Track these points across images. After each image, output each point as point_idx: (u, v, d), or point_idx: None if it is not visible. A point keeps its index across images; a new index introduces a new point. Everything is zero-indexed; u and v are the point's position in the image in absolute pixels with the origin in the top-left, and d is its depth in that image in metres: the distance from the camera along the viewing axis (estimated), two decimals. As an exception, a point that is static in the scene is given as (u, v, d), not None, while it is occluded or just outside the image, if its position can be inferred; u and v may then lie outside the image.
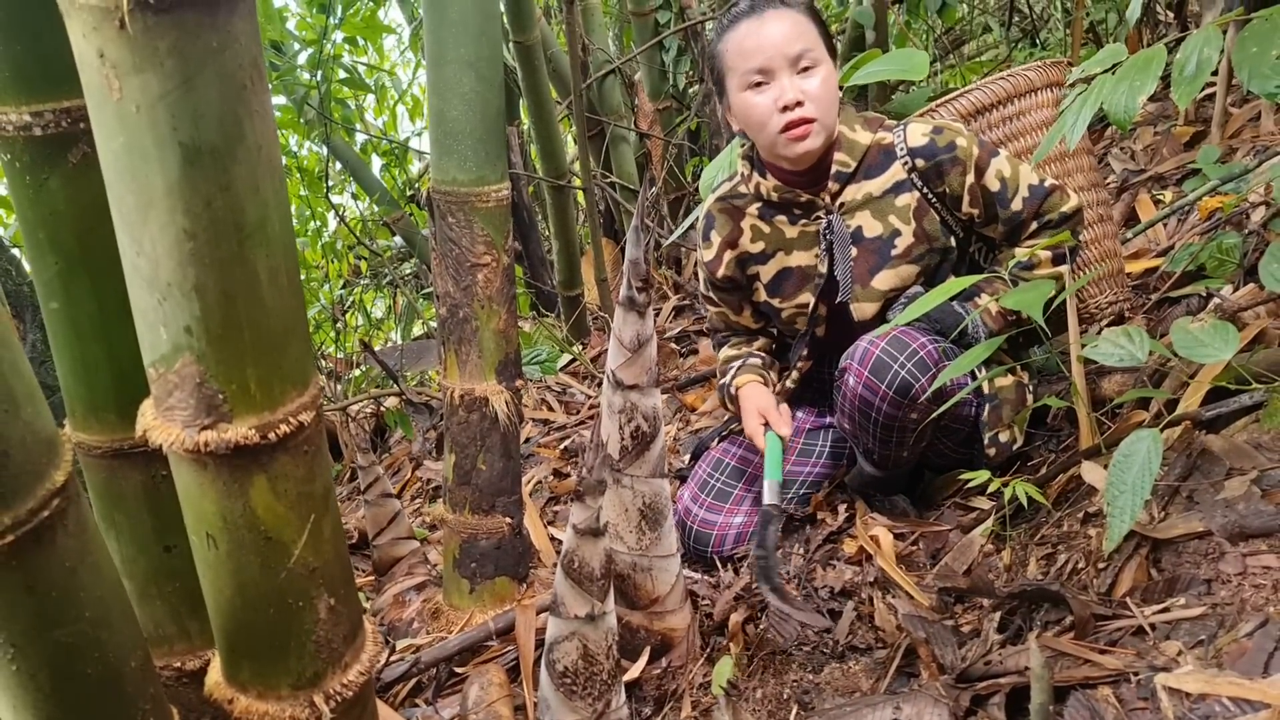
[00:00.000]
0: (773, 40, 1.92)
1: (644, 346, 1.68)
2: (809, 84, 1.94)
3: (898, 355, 1.87)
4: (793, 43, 1.92)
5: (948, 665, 1.57)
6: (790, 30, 1.93)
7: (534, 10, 4.10)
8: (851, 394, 1.93)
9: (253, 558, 1.09)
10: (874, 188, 2.03)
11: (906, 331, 1.89)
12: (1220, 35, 1.34)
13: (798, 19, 1.94)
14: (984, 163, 1.99)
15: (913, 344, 1.88)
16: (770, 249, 2.15)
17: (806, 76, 1.94)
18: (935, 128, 2.01)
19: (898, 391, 1.86)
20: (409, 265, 5.82)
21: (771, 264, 2.16)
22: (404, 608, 2.31)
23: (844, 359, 1.96)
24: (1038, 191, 1.99)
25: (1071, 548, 1.73)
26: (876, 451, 2.00)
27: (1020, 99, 2.20)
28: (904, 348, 1.87)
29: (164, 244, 0.93)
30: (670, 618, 1.84)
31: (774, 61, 1.93)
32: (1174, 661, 1.34)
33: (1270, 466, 1.57)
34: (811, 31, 1.95)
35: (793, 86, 1.93)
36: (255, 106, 0.94)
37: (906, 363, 1.86)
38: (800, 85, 1.94)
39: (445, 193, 1.93)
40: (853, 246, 2.05)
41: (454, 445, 2.08)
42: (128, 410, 1.10)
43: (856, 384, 1.91)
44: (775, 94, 1.94)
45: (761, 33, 1.93)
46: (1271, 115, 2.93)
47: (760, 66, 1.94)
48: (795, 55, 1.93)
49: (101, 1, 0.84)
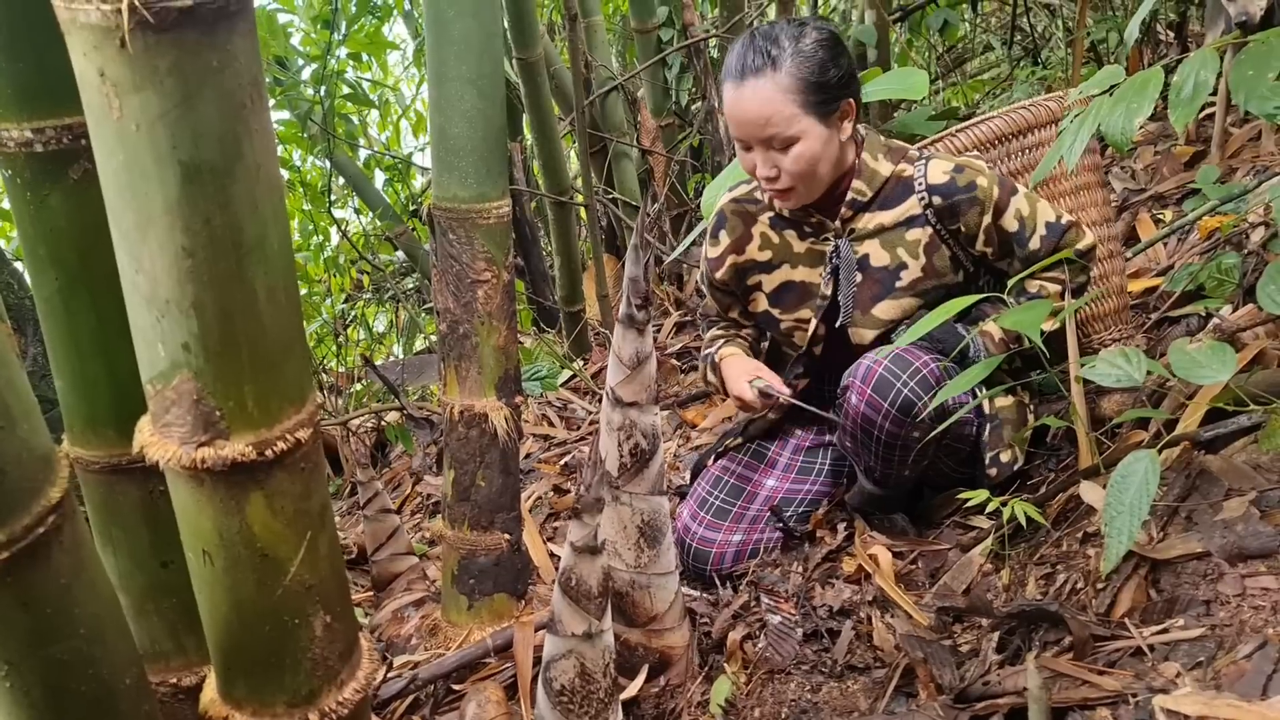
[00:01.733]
0: (747, 117, 1.91)
1: (643, 364, 1.68)
2: (784, 160, 1.92)
3: (900, 374, 1.88)
4: (763, 125, 1.90)
5: (946, 685, 1.57)
6: (763, 109, 1.88)
7: (537, 27, 4.12)
8: (854, 412, 1.93)
9: (249, 575, 1.09)
10: (887, 219, 2.02)
11: (909, 350, 1.89)
12: (1217, 58, 1.35)
13: (773, 95, 1.88)
14: (1004, 203, 1.98)
15: (915, 362, 1.89)
16: (777, 260, 2.15)
17: (782, 153, 1.92)
18: (957, 166, 1.98)
19: (900, 410, 1.87)
20: (411, 280, 5.83)
21: (776, 274, 2.16)
22: (402, 624, 2.31)
23: (846, 376, 1.96)
24: (1055, 229, 1.98)
25: (1070, 567, 1.73)
26: (878, 470, 2.00)
27: (1041, 129, 2.19)
28: (906, 366, 1.88)
29: (163, 261, 0.93)
30: (668, 635, 1.84)
31: (749, 136, 1.93)
32: (1172, 683, 1.34)
33: (1269, 488, 1.57)
34: (789, 104, 1.88)
35: (766, 162, 1.94)
36: (254, 125, 0.94)
37: (909, 381, 1.87)
38: (775, 160, 1.93)
39: (446, 209, 1.94)
40: (858, 273, 2.05)
41: (453, 461, 2.08)
42: (126, 426, 1.11)
43: (859, 402, 1.91)
44: (755, 161, 1.95)
45: (739, 106, 1.91)
46: (1272, 135, 2.94)
47: (739, 136, 1.95)
48: (767, 136, 1.91)
49: (102, 20, 0.84)
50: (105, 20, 0.84)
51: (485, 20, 1.90)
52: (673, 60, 4.54)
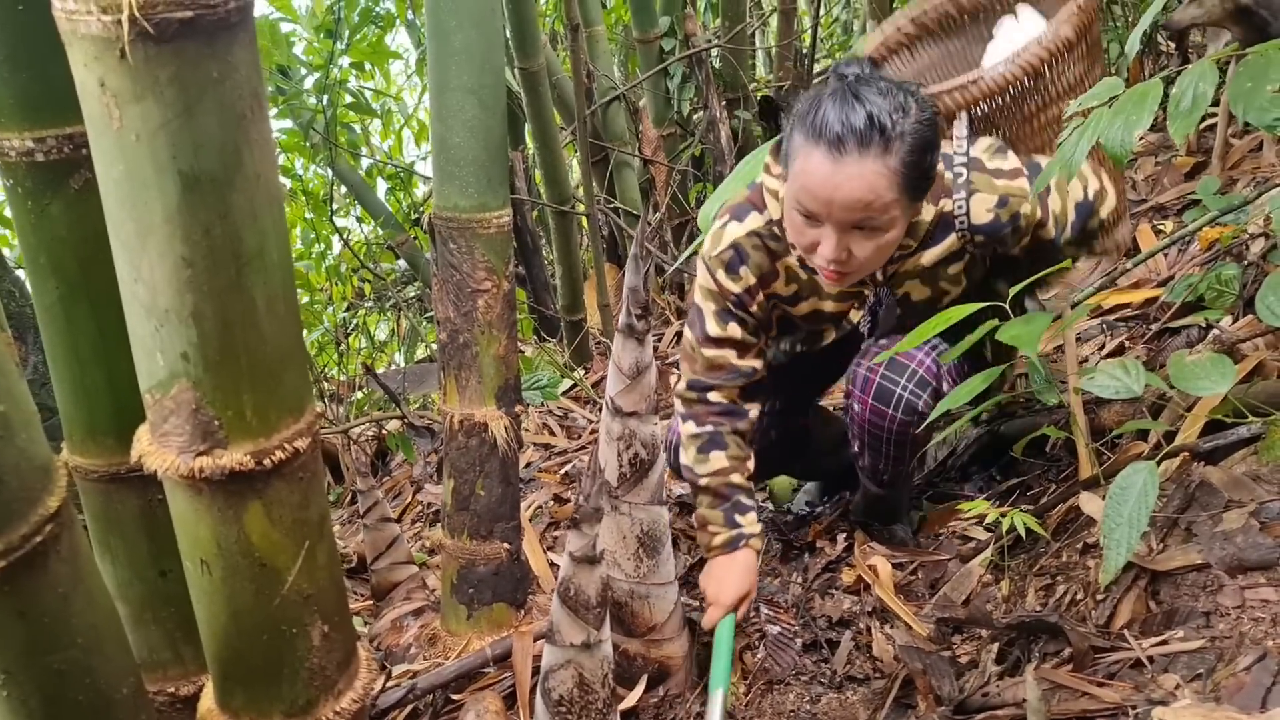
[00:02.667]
0: (840, 197, 1.63)
1: (643, 373, 1.69)
2: (863, 247, 1.70)
3: (898, 378, 1.88)
4: (857, 210, 1.65)
5: (945, 696, 1.56)
6: (864, 195, 1.63)
7: (539, 37, 4.13)
8: (860, 419, 1.93)
9: (247, 584, 1.09)
10: (928, 259, 1.86)
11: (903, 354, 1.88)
12: (1216, 70, 1.35)
13: (879, 180, 1.62)
14: (1044, 219, 1.84)
15: (910, 364, 1.88)
16: (804, 293, 1.95)
17: (862, 238, 1.69)
18: (1001, 199, 1.79)
19: (904, 411, 1.87)
20: (413, 288, 5.83)
21: (803, 306, 1.97)
22: (401, 633, 2.31)
23: (847, 384, 1.96)
24: (1084, 209, 1.86)
25: (1070, 579, 1.73)
26: (888, 471, 1.99)
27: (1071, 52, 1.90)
28: (902, 369, 1.88)
29: (162, 271, 0.94)
30: (668, 646, 1.83)
31: (831, 215, 1.66)
32: (1172, 695, 1.33)
33: (1269, 499, 1.57)
34: (891, 190, 1.64)
35: (839, 245, 1.69)
36: (254, 136, 0.94)
37: (908, 384, 1.87)
38: (850, 243, 1.69)
39: (447, 219, 1.94)
40: (899, 308, 1.93)
41: (453, 470, 2.08)
42: (126, 435, 1.11)
43: (864, 411, 1.91)
44: (820, 236, 1.70)
45: (833, 182, 1.63)
46: (1273, 147, 2.93)
47: (813, 211, 1.68)
48: (854, 221, 1.67)
49: (103, 31, 0.85)
50: (106, 31, 0.85)
51: (486, 30, 1.90)
52: (675, 70, 4.55)
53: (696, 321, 1.97)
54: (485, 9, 1.90)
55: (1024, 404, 2.36)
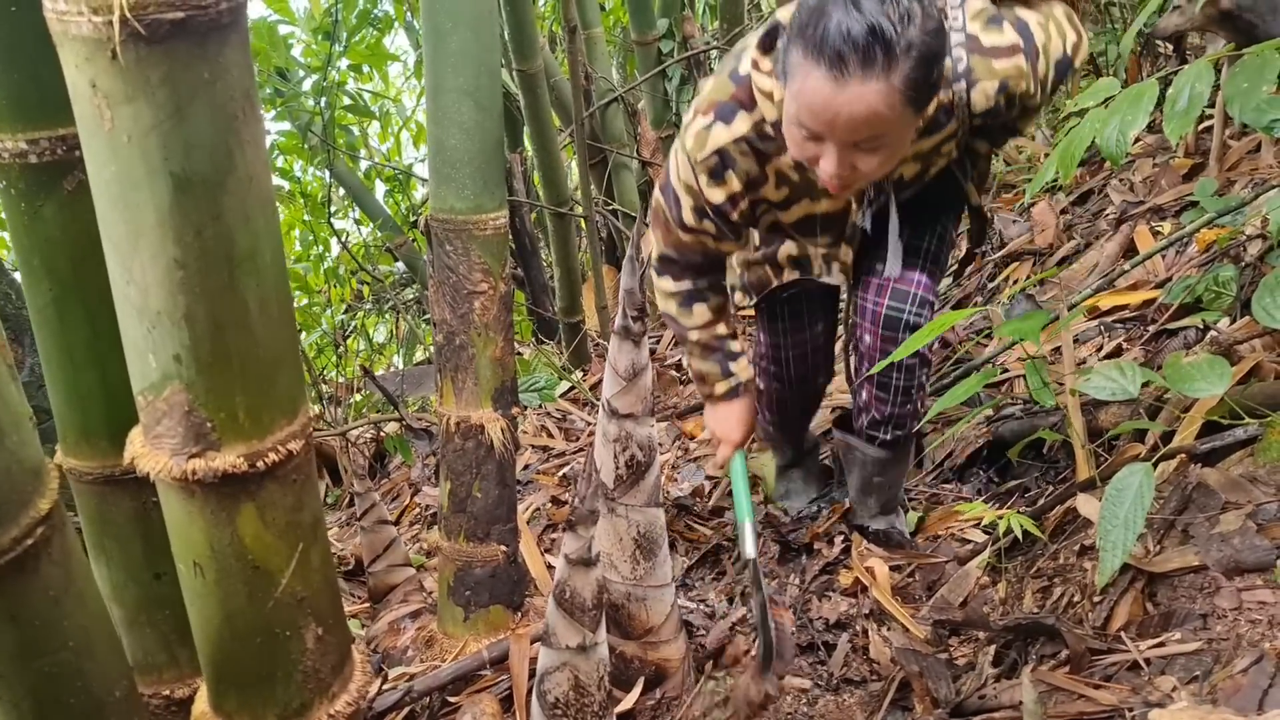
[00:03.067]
0: (843, 119, 1.56)
1: (639, 375, 1.68)
2: (867, 161, 1.63)
3: (902, 305, 1.96)
4: (863, 130, 1.58)
5: (942, 699, 1.56)
6: (866, 117, 1.56)
7: (537, 39, 4.13)
8: (870, 350, 1.99)
9: (240, 587, 1.08)
10: (926, 145, 1.82)
11: (900, 279, 1.96)
12: (1213, 70, 1.35)
13: (884, 100, 1.53)
14: (1035, 89, 1.77)
15: (910, 288, 1.96)
16: (795, 196, 1.91)
17: (866, 152, 1.63)
18: (1000, 85, 1.73)
19: (912, 331, 1.94)
20: (411, 291, 5.83)
21: (795, 210, 1.94)
22: (398, 635, 2.30)
23: (854, 320, 2.05)
24: (1063, 66, 1.80)
25: (1067, 580, 1.72)
26: (895, 414, 2.02)
27: None
28: (904, 296, 1.96)
29: (154, 273, 0.93)
30: (664, 648, 1.83)
31: (833, 134, 1.60)
32: (1169, 697, 1.33)
33: (1266, 500, 1.56)
34: (897, 108, 1.56)
35: (843, 160, 1.63)
36: (247, 137, 0.94)
37: (911, 307, 1.96)
38: (854, 159, 1.63)
39: (443, 220, 1.94)
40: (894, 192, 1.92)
41: (449, 472, 2.08)
42: (120, 437, 1.11)
43: (873, 340, 1.98)
44: (822, 152, 1.64)
45: (834, 101, 1.55)
46: (1271, 148, 2.93)
47: (815, 131, 1.61)
48: (858, 140, 1.61)
49: (94, 33, 0.85)
50: (97, 32, 0.85)
51: (482, 32, 1.90)
52: (673, 72, 4.55)
53: (673, 204, 1.95)
54: (481, 11, 1.89)
55: (1022, 406, 2.36)
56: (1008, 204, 3.75)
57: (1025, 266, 3.32)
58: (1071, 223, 3.40)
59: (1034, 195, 2.01)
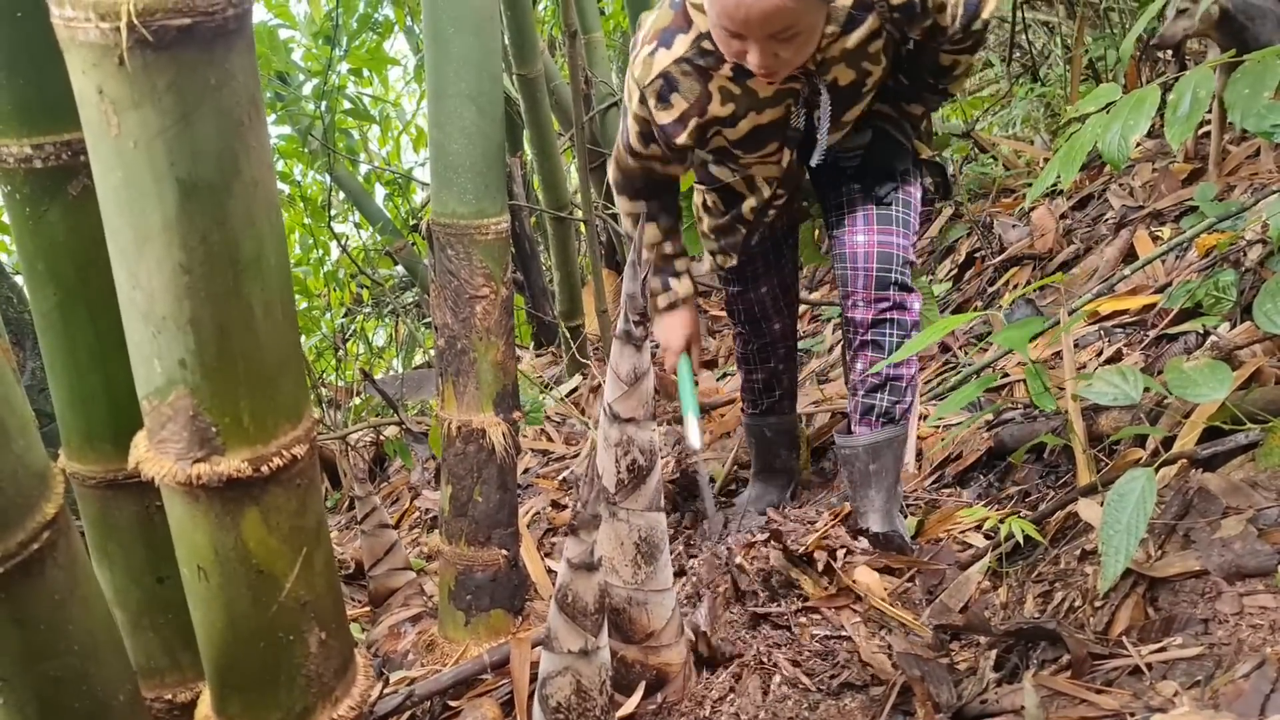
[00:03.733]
0: (753, 16, 1.74)
1: (640, 380, 1.68)
2: (786, 50, 1.81)
3: (889, 266, 2.12)
4: (773, 23, 1.75)
5: (943, 703, 1.56)
6: (774, 10, 1.72)
7: (537, 43, 4.13)
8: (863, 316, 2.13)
9: (244, 591, 1.09)
10: (851, 41, 1.96)
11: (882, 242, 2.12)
12: (1213, 76, 1.35)
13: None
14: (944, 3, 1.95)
15: (893, 250, 2.13)
16: (741, 110, 2.05)
17: (783, 44, 1.80)
18: None
19: (900, 288, 2.12)
20: (410, 295, 5.83)
21: (742, 125, 2.08)
22: (399, 639, 2.30)
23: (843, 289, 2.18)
24: (970, 6, 1.98)
25: (1069, 585, 1.72)
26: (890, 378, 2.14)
27: None
28: (889, 258, 2.12)
29: (160, 277, 0.94)
30: (666, 652, 1.83)
31: (750, 30, 1.77)
32: (1170, 702, 1.33)
33: (1267, 505, 1.57)
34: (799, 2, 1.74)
35: (765, 52, 1.80)
36: (252, 142, 0.94)
37: (895, 266, 2.13)
38: (775, 50, 1.80)
39: (444, 225, 1.94)
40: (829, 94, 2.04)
41: (450, 477, 2.08)
42: (123, 441, 1.11)
43: (867, 306, 2.12)
44: (746, 48, 1.81)
45: (743, 4, 1.73)
46: (1270, 153, 2.94)
47: (734, 30, 1.79)
48: (774, 32, 1.77)
49: (101, 38, 0.85)
50: (104, 38, 0.85)
51: (484, 37, 1.91)
52: (672, 76, 4.54)
53: (624, 130, 2.17)
54: (483, 15, 1.90)
55: (1022, 410, 2.36)
56: (1007, 208, 3.76)
57: (1025, 271, 3.33)
58: (1071, 227, 3.40)
59: (1034, 200, 2.02)
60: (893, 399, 2.16)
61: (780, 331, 2.54)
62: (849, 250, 2.17)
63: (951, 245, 3.89)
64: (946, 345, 3.07)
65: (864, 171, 2.18)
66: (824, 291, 4.28)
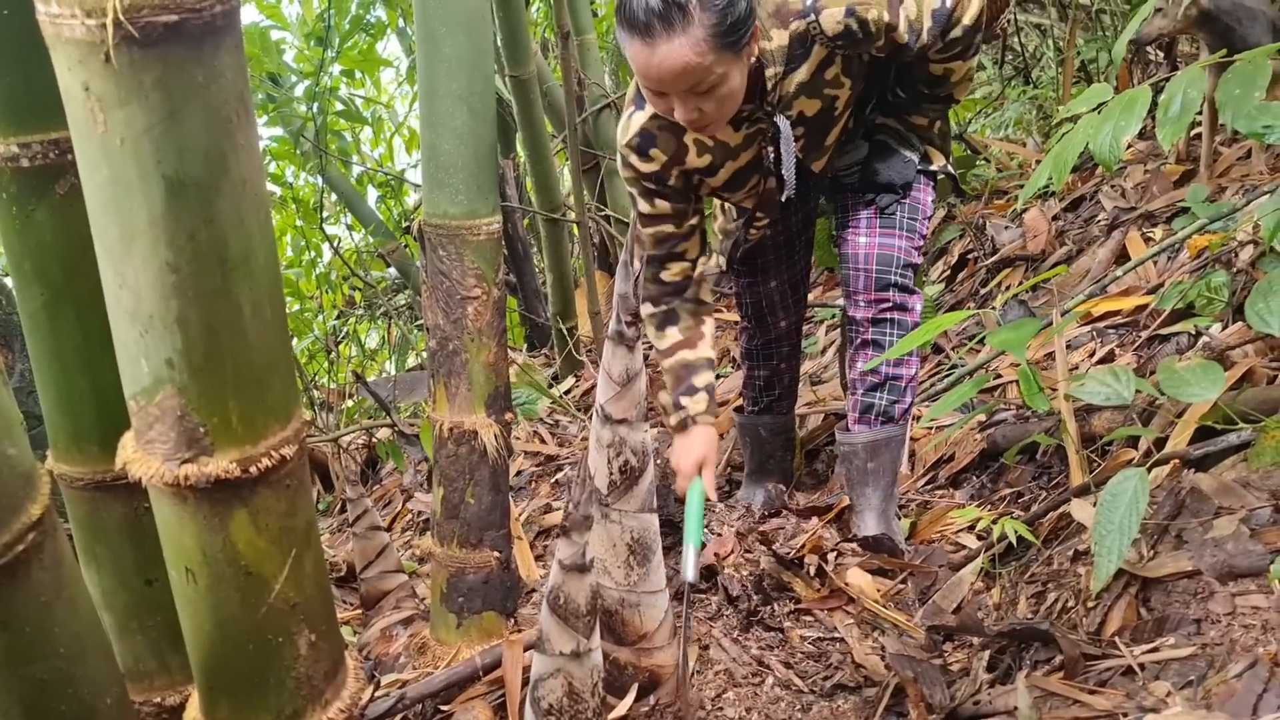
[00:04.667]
0: (663, 74, 1.81)
1: (633, 381, 1.68)
2: (707, 104, 1.87)
3: (889, 269, 2.16)
4: (684, 80, 1.82)
5: (937, 705, 1.56)
6: (684, 69, 1.80)
7: (530, 45, 4.13)
8: (865, 315, 2.17)
9: (232, 593, 1.08)
10: (803, 74, 2.01)
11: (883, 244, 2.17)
12: (1204, 76, 1.35)
13: (691, 51, 1.78)
14: (895, 21, 1.96)
15: (894, 254, 2.17)
16: (718, 161, 2.12)
17: (704, 96, 1.86)
18: (848, 10, 1.93)
19: (899, 291, 2.17)
20: (403, 297, 5.82)
21: (721, 173, 2.15)
22: (391, 642, 2.29)
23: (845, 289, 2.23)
24: (940, 17, 1.98)
25: (1061, 586, 1.72)
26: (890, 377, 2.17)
27: None
28: (889, 260, 2.16)
29: (147, 276, 0.93)
30: (658, 654, 1.82)
31: (666, 88, 1.85)
32: (1163, 702, 1.33)
33: (1259, 505, 1.57)
34: (708, 55, 1.80)
35: (688, 107, 1.88)
36: (240, 140, 0.94)
37: (896, 269, 2.16)
38: (697, 104, 1.87)
39: (436, 225, 1.94)
40: (799, 128, 2.09)
41: (442, 478, 2.07)
42: (111, 442, 1.10)
43: (869, 306, 2.17)
44: (670, 103, 1.89)
45: (651, 62, 1.80)
46: (1261, 154, 2.95)
47: (653, 89, 1.88)
48: (687, 88, 1.84)
49: (87, 35, 0.84)
50: (90, 35, 0.84)
51: (476, 37, 1.90)
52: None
53: (633, 207, 2.21)
54: (475, 16, 1.89)
55: (1015, 411, 2.36)
56: (1000, 210, 3.76)
57: (1018, 273, 3.33)
58: (1064, 229, 3.41)
59: (1026, 201, 2.03)
60: (891, 398, 2.18)
61: (786, 329, 2.55)
62: (851, 251, 2.21)
63: (945, 247, 3.89)
64: (939, 346, 3.07)
65: (864, 185, 2.22)
66: (818, 293, 4.28)
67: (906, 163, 2.20)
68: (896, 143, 2.20)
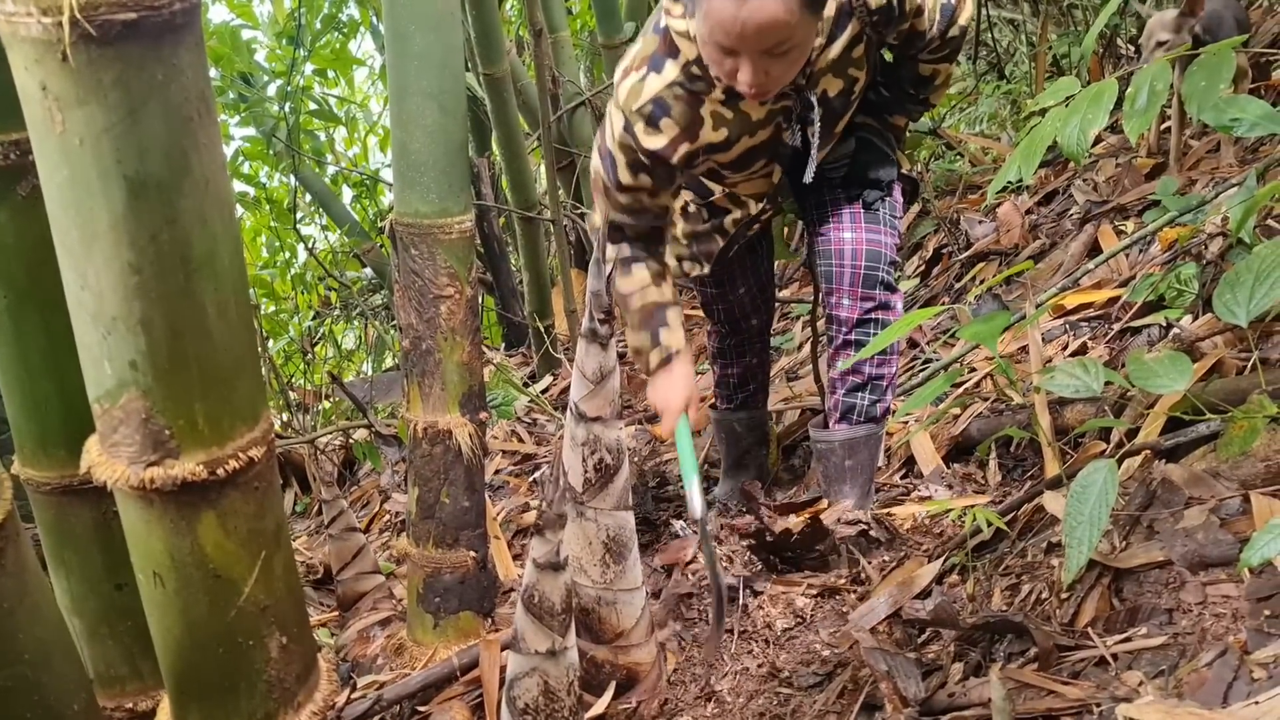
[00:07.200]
0: (750, 32, 1.71)
1: (607, 378, 1.68)
2: (777, 66, 1.79)
3: (877, 265, 2.14)
4: (766, 35, 1.72)
5: (911, 698, 1.56)
6: (769, 22, 1.70)
7: (503, 43, 4.12)
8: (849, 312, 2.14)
9: (201, 596, 1.07)
10: (836, 50, 1.96)
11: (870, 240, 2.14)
12: (1170, 69, 1.36)
13: (778, 10, 1.69)
14: (922, 6, 1.97)
15: (880, 249, 2.15)
16: (734, 134, 2.03)
17: (775, 59, 1.78)
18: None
19: (886, 287, 2.15)
20: (379, 297, 5.80)
21: (735, 149, 2.05)
22: (368, 644, 2.29)
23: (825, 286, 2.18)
24: (946, 12, 2.01)
25: (1035, 578, 1.73)
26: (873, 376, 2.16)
27: None
28: (877, 256, 2.14)
29: (109, 278, 0.92)
30: (636, 652, 1.82)
31: (744, 48, 1.75)
32: (1135, 692, 1.34)
33: (1228, 495, 1.58)
34: (795, 14, 1.72)
35: (758, 69, 1.78)
36: (202, 139, 0.93)
37: (880, 265, 2.15)
38: (767, 67, 1.78)
39: (408, 224, 1.93)
40: (820, 109, 2.02)
41: (417, 479, 2.07)
42: (78, 446, 1.09)
43: (853, 303, 2.14)
44: (738, 65, 1.78)
45: (739, 16, 1.70)
46: (1230, 147, 2.97)
47: (727, 46, 1.76)
48: (767, 48, 1.75)
49: (43, 34, 0.83)
50: (46, 34, 0.83)
51: (446, 35, 1.89)
52: (640, 75, 4.53)
53: (609, 166, 2.05)
54: (444, 13, 1.89)
55: (989, 404, 2.37)
56: (974, 205, 3.78)
57: (992, 267, 3.35)
58: (1037, 223, 3.42)
59: (996, 194, 2.04)
60: (874, 398, 2.17)
61: (758, 327, 2.55)
62: (835, 247, 2.17)
63: (919, 241, 3.91)
64: (914, 340, 3.08)
65: (850, 180, 2.20)
66: (794, 289, 4.28)
67: (891, 161, 2.20)
68: (877, 139, 2.20)
